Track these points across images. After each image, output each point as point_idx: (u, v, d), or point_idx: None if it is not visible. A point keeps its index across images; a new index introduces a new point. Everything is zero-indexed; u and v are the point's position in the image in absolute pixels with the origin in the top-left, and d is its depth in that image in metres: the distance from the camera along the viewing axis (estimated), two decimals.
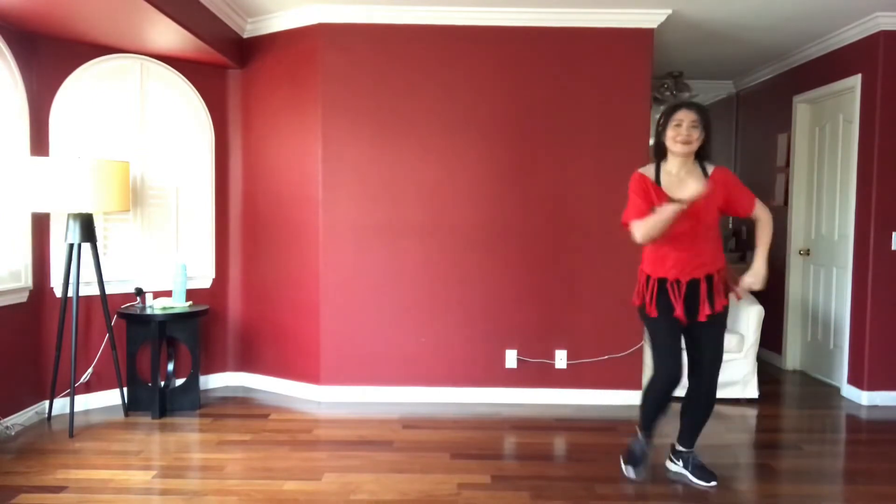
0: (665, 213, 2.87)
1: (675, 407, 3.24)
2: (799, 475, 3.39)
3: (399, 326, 4.52)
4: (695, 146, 2.98)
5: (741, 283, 3.05)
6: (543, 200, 4.49)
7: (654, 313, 3.06)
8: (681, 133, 2.95)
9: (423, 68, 4.43)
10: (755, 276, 3.02)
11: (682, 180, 2.97)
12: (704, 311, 3.01)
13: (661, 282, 3.04)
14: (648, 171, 3.09)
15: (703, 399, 3.16)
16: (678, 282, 3.01)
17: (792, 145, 5.54)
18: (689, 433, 3.27)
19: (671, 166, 3.05)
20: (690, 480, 3.24)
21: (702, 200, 2.89)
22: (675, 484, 3.23)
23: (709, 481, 3.19)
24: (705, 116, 3.01)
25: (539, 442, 3.82)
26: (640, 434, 3.27)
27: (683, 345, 3.16)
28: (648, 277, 3.09)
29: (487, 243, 4.50)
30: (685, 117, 2.97)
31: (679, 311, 3.01)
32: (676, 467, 3.34)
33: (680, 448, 3.31)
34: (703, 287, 3.01)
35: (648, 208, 2.95)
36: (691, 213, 2.91)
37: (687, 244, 2.98)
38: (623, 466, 3.32)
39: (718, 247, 3.09)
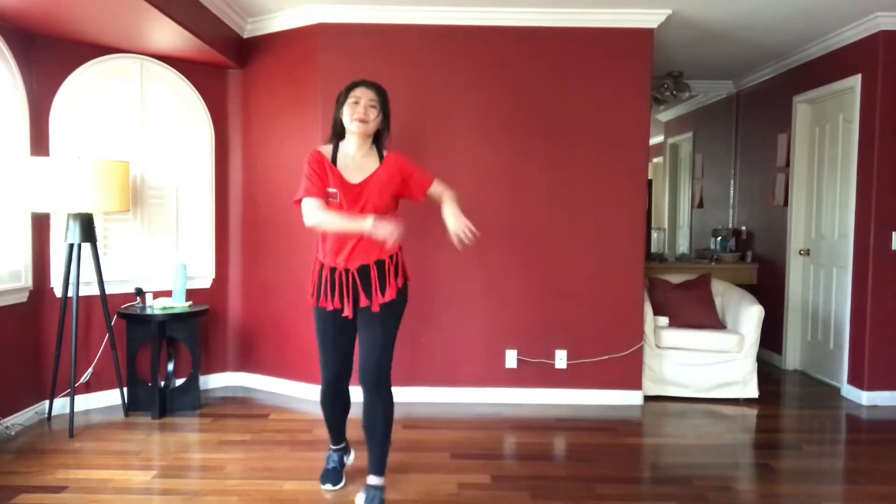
0: (354, 225, 2.73)
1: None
2: (799, 475, 3.39)
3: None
4: (372, 126, 2.85)
5: (453, 237, 2.82)
6: (543, 200, 4.49)
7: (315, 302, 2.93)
8: (357, 110, 2.81)
9: (423, 68, 4.44)
10: (454, 221, 2.82)
11: (359, 163, 2.87)
12: (377, 300, 2.87)
13: (332, 270, 2.88)
14: (326, 150, 2.91)
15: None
16: (347, 271, 2.86)
17: (792, 145, 5.54)
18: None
19: (348, 147, 2.89)
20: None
21: (372, 188, 2.82)
22: (676, 484, 3.23)
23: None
24: (384, 98, 2.89)
25: (539, 442, 3.82)
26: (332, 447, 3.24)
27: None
28: (322, 266, 2.92)
29: (487, 242, 4.49)
30: (363, 95, 2.83)
31: (348, 302, 2.86)
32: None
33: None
34: (374, 274, 2.87)
35: (324, 188, 2.80)
36: (361, 197, 2.82)
37: (348, 237, 2.83)
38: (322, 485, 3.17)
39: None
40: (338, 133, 2.92)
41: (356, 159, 2.89)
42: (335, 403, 3.15)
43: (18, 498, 2.99)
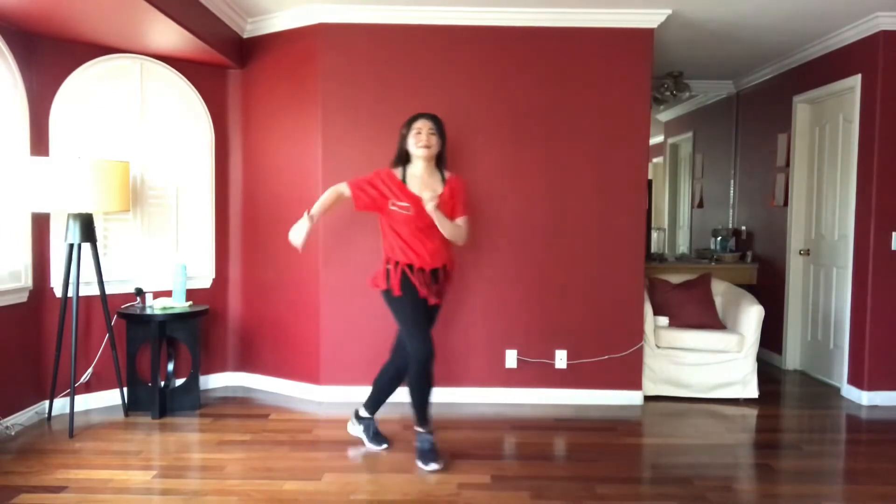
0: (329, 197, 3.53)
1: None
2: (799, 475, 3.39)
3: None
4: (434, 150, 3.47)
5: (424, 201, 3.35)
6: (543, 200, 4.49)
7: (397, 293, 3.42)
8: (421, 139, 3.42)
9: (423, 68, 4.44)
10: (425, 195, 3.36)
11: (426, 182, 3.46)
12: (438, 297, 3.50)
13: (409, 267, 3.42)
14: (396, 171, 3.50)
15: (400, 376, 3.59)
16: (422, 270, 3.43)
17: (792, 145, 5.54)
18: (376, 401, 3.68)
19: (415, 169, 3.49)
20: (367, 444, 3.65)
21: (441, 203, 3.38)
22: (676, 484, 3.23)
23: (381, 445, 3.64)
24: (440, 126, 3.51)
25: (539, 442, 3.82)
26: (423, 429, 3.48)
27: None
28: (397, 263, 3.44)
29: (487, 242, 4.50)
30: (423, 125, 3.45)
31: (432, 292, 3.44)
32: (356, 430, 3.73)
33: (364, 414, 3.71)
34: (441, 276, 3.51)
35: (367, 193, 3.45)
36: (420, 216, 3.37)
37: (421, 239, 3.43)
38: (424, 466, 3.38)
39: (446, 243, 3.52)
40: (401, 159, 3.53)
41: (423, 179, 3.48)
42: (429, 377, 3.46)
43: (18, 498, 2.99)
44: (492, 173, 4.47)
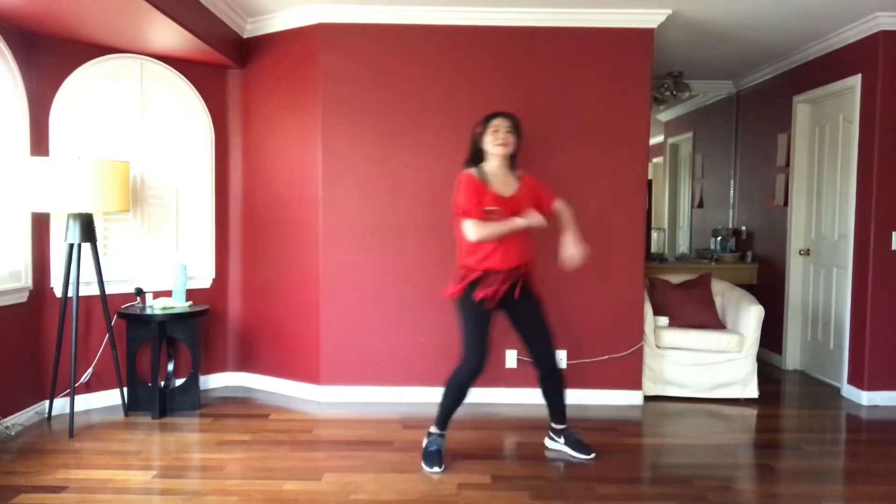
0: (510, 226, 3.28)
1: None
2: (799, 475, 3.39)
3: (399, 326, 4.52)
4: (510, 149, 3.41)
5: (564, 259, 3.42)
6: None
7: (477, 299, 3.35)
8: (498, 137, 3.38)
9: (423, 68, 4.43)
10: (573, 247, 3.41)
11: (503, 180, 3.42)
12: (518, 289, 3.40)
13: (486, 272, 3.34)
14: (474, 173, 3.40)
15: (552, 374, 3.52)
16: (501, 271, 3.35)
17: (792, 145, 5.54)
18: (558, 409, 3.59)
19: (491, 167, 3.43)
20: (571, 455, 3.55)
21: (523, 199, 3.39)
22: (676, 484, 3.23)
23: (588, 454, 3.53)
24: (517, 124, 3.45)
25: (539, 442, 3.82)
26: (437, 431, 3.49)
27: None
28: (473, 270, 3.37)
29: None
30: (501, 124, 3.40)
31: (500, 294, 3.35)
32: (556, 445, 3.63)
33: (556, 426, 3.63)
34: (521, 274, 3.43)
35: (481, 208, 3.29)
36: (512, 207, 3.34)
37: (509, 239, 3.34)
38: (427, 469, 3.37)
39: (528, 240, 3.47)
40: (475, 157, 3.46)
41: (499, 177, 3.42)
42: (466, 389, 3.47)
43: (18, 498, 2.99)
44: None
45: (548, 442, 3.69)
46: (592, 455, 3.52)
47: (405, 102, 4.45)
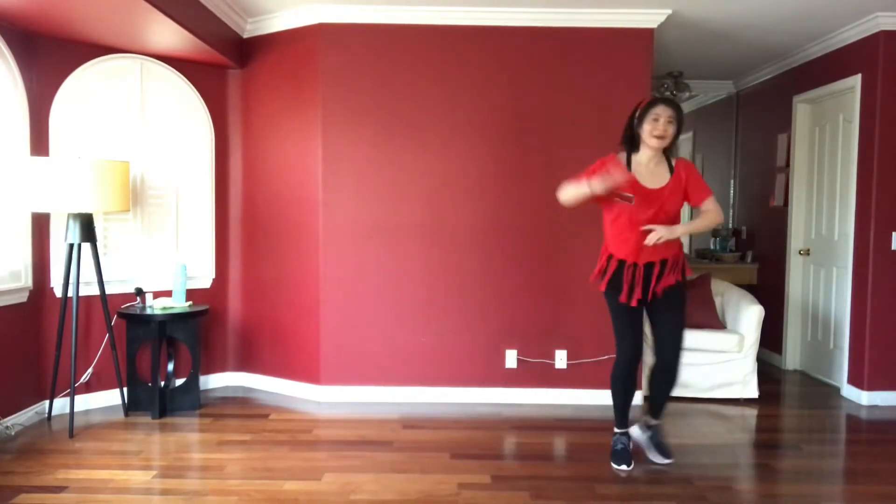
0: (587, 186, 3.08)
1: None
2: (799, 475, 3.39)
3: (399, 326, 4.53)
4: (668, 141, 3.16)
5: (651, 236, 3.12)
6: (543, 199, 4.47)
7: (615, 298, 3.26)
8: (658, 127, 3.12)
9: (424, 68, 4.43)
10: (660, 231, 3.09)
11: (651, 171, 3.18)
12: (657, 287, 3.22)
13: (621, 263, 3.23)
14: (621, 158, 3.24)
15: (666, 374, 3.36)
16: (635, 265, 3.20)
17: (792, 145, 5.54)
18: (658, 406, 3.50)
19: (642, 157, 3.21)
20: (648, 452, 3.50)
21: (668, 195, 3.15)
22: (676, 484, 3.23)
23: (664, 458, 3.45)
24: (680, 114, 3.17)
25: (539, 442, 3.82)
26: (617, 430, 3.48)
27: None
28: (610, 256, 3.28)
29: (487, 243, 4.50)
30: (663, 113, 3.12)
31: (638, 292, 3.20)
32: (642, 436, 3.54)
33: (650, 420, 3.54)
34: (657, 270, 3.21)
35: (590, 177, 3.12)
36: (656, 202, 3.14)
37: (638, 232, 3.15)
38: (615, 466, 3.41)
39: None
40: (629, 142, 3.23)
41: (649, 167, 3.19)
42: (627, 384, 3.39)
43: (18, 498, 2.99)
44: (491, 173, 4.47)
45: (634, 430, 3.55)
46: (669, 461, 3.43)
47: (405, 102, 4.45)
